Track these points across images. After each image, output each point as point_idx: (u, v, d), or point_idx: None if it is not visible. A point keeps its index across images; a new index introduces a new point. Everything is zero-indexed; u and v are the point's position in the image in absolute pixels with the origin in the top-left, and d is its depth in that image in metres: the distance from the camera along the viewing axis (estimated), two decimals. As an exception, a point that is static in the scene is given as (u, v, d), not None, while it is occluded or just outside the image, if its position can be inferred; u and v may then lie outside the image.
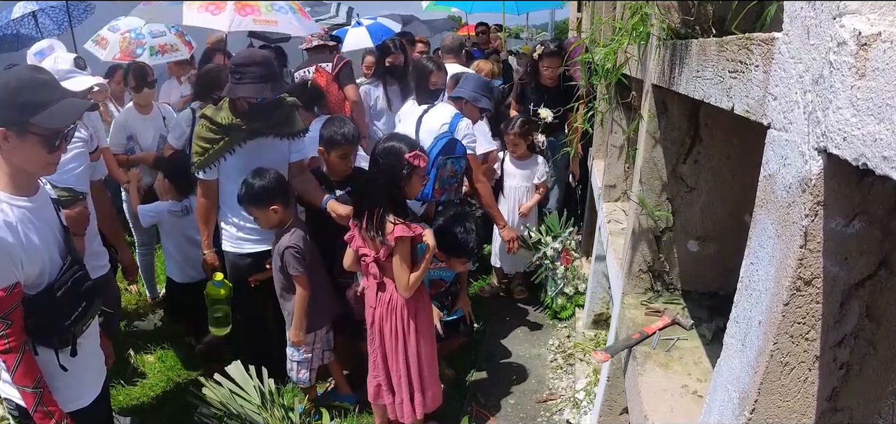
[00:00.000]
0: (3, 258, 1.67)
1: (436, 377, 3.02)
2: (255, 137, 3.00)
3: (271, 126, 3.03)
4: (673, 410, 1.64)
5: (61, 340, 1.87)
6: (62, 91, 1.80)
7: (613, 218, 3.22)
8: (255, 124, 2.97)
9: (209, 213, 3.16)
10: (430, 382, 2.95)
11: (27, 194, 1.80)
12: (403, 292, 2.70)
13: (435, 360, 3.00)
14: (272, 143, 3.08)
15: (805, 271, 0.91)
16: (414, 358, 2.85)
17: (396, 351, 2.85)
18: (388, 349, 2.87)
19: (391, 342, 2.85)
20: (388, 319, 2.81)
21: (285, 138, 3.12)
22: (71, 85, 2.66)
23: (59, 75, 2.58)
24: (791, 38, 0.95)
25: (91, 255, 2.75)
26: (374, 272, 2.76)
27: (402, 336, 2.82)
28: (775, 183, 0.99)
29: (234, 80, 2.90)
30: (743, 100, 1.18)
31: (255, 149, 3.02)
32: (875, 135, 0.70)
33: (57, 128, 1.73)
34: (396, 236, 2.60)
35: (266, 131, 3.02)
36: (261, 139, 3.03)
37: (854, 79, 0.75)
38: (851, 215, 0.89)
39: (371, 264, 2.75)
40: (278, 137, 3.09)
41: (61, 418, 1.84)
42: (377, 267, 2.76)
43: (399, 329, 2.81)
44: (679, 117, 2.03)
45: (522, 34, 18.49)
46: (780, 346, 0.97)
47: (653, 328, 2.01)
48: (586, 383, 3.54)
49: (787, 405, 1.01)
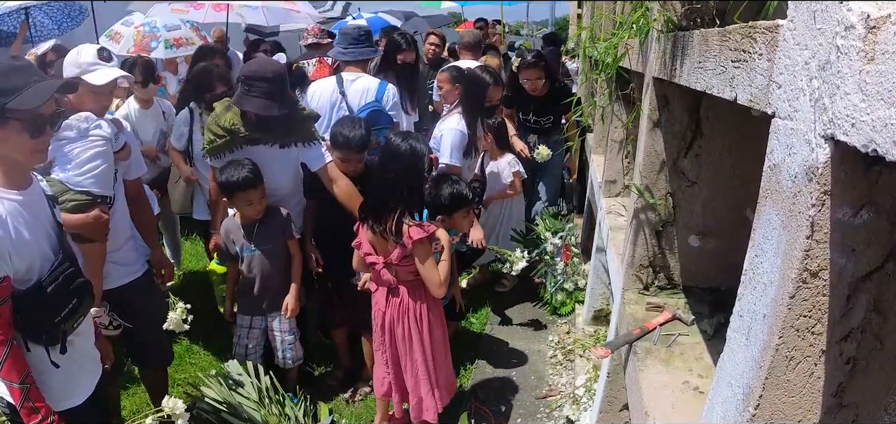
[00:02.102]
0: None
1: (449, 366, 3.04)
2: (256, 144, 3.02)
3: (275, 136, 3.02)
4: (674, 406, 1.62)
5: (51, 337, 1.85)
6: (39, 75, 1.77)
7: (613, 212, 3.20)
8: (256, 134, 2.98)
9: (219, 197, 3.22)
10: (445, 373, 2.97)
11: (18, 187, 1.77)
12: (437, 290, 2.66)
13: (447, 350, 3.01)
14: (273, 151, 3.05)
15: (811, 262, 0.89)
16: (429, 356, 2.84)
17: (410, 352, 2.83)
18: (401, 352, 2.85)
19: (404, 345, 2.83)
20: (401, 322, 2.79)
21: (292, 146, 3.07)
22: (93, 78, 2.51)
23: (82, 68, 2.51)
24: (796, 24, 0.93)
25: (119, 261, 2.69)
26: (388, 278, 2.74)
27: (418, 336, 2.80)
28: (780, 173, 0.97)
29: (242, 90, 2.91)
30: (746, 89, 1.16)
31: (253, 152, 3.03)
32: (886, 119, 0.67)
33: (32, 109, 1.70)
34: (414, 238, 2.57)
35: (267, 140, 3.02)
36: (261, 146, 3.03)
37: (863, 64, 0.73)
38: (859, 205, 0.86)
39: (383, 270, 2.73)
40: (283, 146, 3.05)
41: (48, 414, 1.81)
42: (389, 272, 2.74)
43: (412, 331, 2.79)
44: (680, 111, 2.01)
45: (523, 30, 18.48)
46: (785, 340, 0.94)
47: (653, 323, 1.99)
48: (586, 379, 3.53)
49: (793, 400, 0.98)
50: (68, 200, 2.37)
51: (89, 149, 2.42)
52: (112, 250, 2.61)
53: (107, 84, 2.55)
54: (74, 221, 2.37)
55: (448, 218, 3.09)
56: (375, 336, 2.92)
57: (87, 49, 2.60)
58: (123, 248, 2.74)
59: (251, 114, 2.92)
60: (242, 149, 3.03)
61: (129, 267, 2.77)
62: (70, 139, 2.38)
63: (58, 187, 2.37)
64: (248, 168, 2.91)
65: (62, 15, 7.27)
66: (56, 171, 2.39)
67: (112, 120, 2.64)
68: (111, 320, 2.68)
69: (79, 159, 2.39)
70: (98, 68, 2.54)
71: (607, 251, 3.04)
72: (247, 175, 2.90)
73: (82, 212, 2.39)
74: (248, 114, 2.95)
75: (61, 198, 2.37)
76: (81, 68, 2.51)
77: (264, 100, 2.85)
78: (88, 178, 2.41)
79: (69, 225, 2.39)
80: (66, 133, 2.37)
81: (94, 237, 2.46)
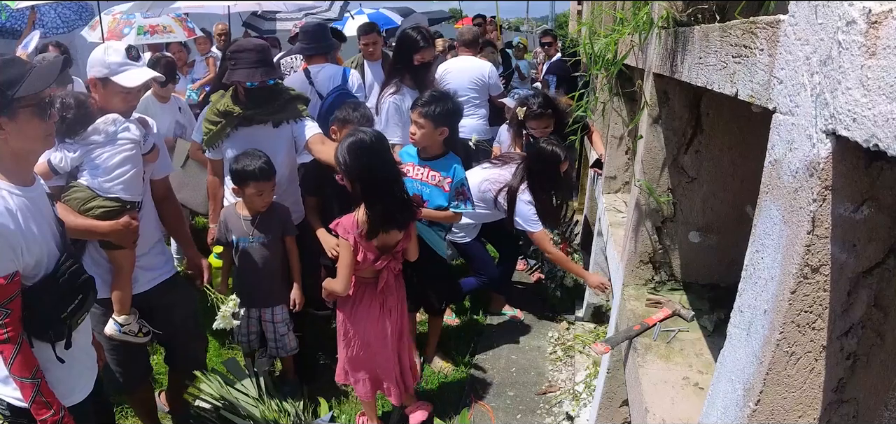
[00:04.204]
0: (4, 245, 1.65)
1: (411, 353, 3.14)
2: (250, 124, 3.07)
3: (267, 114, 3.07)
4: (674, 402, 1.62)
5: (57, 333, 1.86)
6: (31, 64, 1.77)
7: (614, 208, 3.20)
8: (248, 111, 3.03)
9: (217, 189, 3.27)
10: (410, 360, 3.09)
11: (24, 184, 1.78)
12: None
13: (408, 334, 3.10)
14: (267, 131, 3.09)
15: (812, 258, 0.89)
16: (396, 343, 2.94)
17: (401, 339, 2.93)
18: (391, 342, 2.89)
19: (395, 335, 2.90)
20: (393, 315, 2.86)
21: (285, 124, 3.13)
22: (124, 79, 2.39)
23: (111, 69, 2.39)
24: (797, 19, 0.93)
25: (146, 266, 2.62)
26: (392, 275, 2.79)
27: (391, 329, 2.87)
28: (781, 168, 0.97)
29: (230, 67, 3.00)
30: (747, 85, 1.16)
31: (249, 134, 3.08)
32: (887, 114, 0.67)
33: (40, 92, 1.71)
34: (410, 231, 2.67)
35: (260, 118, 3.07)
36: (257, 127, 3.08)
37: (864, 59, 0.73)
38: (860, 200, 0.86)
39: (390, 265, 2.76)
40: (275, 125, 3.10)
41: (60, 409, 1.83)
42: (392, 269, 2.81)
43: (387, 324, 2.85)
44: (680, 107, 2.01)
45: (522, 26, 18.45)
46: (786, 336, 0.94)
47: (653, 319, 1.99)
48: (586, 375, 3.53)
49: (794, 396, 0.98)
50: (97, 207, 2.34)
51: (118, 153, 2.37)
52: (139, 254, 2.56)
53: (137, 87, 2.45)
54: (104, 228, 2.35)
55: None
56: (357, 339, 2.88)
57: (114, 48, 2.48)
58: (151, 252, 2.67)
59: (240, 87, 3.00)
60: (238, 132, 3.06)
61: (156, 271, 2.70)
62: (98, 143, 2.34)
63: (86, 193, 2.35)
64: (263, 159, 2.93)
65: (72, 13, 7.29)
66: (85, 176, 2.36)
67: (140, 119, 2.57)
68: (140, 327, 2.60)
69: (107, 165, 2.35)
70: (128, 69, 2.44)
71: (607, 247, 3.04)
72: (263, 166, 2.91)
73: (111, 219, 2.36)
74: (238, 92, 3.03)
75: (89, 204, 2.35)
76: (110, 69, 2.40)
77: (248, 69, 2.93)
78: (117, 184, 2.38)
79: (98, 232, 2.38)
80: (94, 137, 2.34)
81: (124, 244, 2.43)
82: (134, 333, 2.56)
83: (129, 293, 2.52)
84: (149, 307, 2.65)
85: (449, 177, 3.11)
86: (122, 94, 2.44)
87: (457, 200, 3.13)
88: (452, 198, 3.13)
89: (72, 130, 2.33)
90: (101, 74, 2.40)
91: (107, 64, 2.40)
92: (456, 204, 3.13)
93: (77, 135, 2.34)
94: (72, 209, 2.33)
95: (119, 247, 2.43)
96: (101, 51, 2.44)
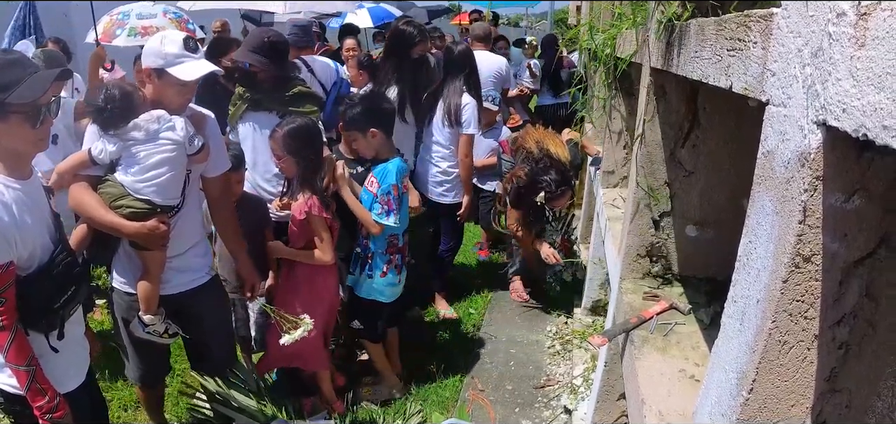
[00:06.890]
0: None
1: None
2: (258, 109, 3.19)
3: (274, 102, 3.15)
4: (670, 394, 1.63)
5: (50, 323, 1.90)
6: (33, 67, 1.77)
7: (612, 203, 3.21)
8: (255, 96, 3.17)
9: None
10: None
11: (20, 177, 1.82)
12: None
13: None
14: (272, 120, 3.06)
15: (804, 247, 0.90)
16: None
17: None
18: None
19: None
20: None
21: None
22: (181, 72, 2.21)
23: (167, 60, 2.22)
24: (790, 12, 0.94)
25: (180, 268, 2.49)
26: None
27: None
28: (774, 159, 0.98)
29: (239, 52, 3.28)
30: (741, 77, 1.17)
31: (257, 119, 3.20)
32: (875, 104, 0.68)
33: (32, 101, 1.72)
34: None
35: (267, 106, 3.16)
36: (264, 113, 3.18)
37: (853, 50, 0.74)
38: (851, 191, 0.87)
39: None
40: (280, 116, 3.07)
41: (55, 395, 1.87)
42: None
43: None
44: (677, 101, 2.01)
45: (522, 23, 18.43)
46: (778, 325, 0.95)
47: (650, 312, 2.00)
48: (584, 369, 3.55)
49: (786, 385, 0.99)
50: (126, 206, 2.22)
51: (156, 153, 2.23)
52: (174, 255, 2.45)
53: (193, 81, 2.27)
54: (129, 229, 2.23)
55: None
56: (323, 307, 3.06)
57: (172, 37, 2.28)
58: (188, 253, 2.52)
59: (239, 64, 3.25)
60: (248, 115, 3.21)
61: (191, 274, 2.55)
62: (137, 140, 2.22)
63: (118, 189, 2.23)
64: (231, 151, 2.80)
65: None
66: (120, 172, 2.25)
67: (192, 115, 2.40)
68: (166, 327, 2.48)
69: (144, 163, 2.23)
70: (185, 60, 2.25)
71: (605, 241, 3.05)
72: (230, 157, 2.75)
73: (138, 220, 2.24)
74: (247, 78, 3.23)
75: (119, 201, 2.22)
76: (166, 60, 2.22)
77: (245, 51, 3.14)
78: (150, 187, 2.24)
79: (123, 231, 2.24)
80: (134, 133, 2.22)
81: (150, 247, 2.32)
82: (159, 333, 2.47)
83: (155, 292, 2.42)
84: (180, 308, 2.54)
85: (377, 179, 3.06)
86: (178, 88, 2.27)
87: (380, 210, 3.02)
88: (375, 203, 3.04)
89: (113, 122, 2.21)
90: (156, 65, 2.24)
91: (163, 54, 2.23)
92: (379, 213, 3.02)
93: (118, 128, 2.22)
94: (103, 203, 2.23)
95: (146, 248, 2.34)
96: (158, 40, 2.26)
